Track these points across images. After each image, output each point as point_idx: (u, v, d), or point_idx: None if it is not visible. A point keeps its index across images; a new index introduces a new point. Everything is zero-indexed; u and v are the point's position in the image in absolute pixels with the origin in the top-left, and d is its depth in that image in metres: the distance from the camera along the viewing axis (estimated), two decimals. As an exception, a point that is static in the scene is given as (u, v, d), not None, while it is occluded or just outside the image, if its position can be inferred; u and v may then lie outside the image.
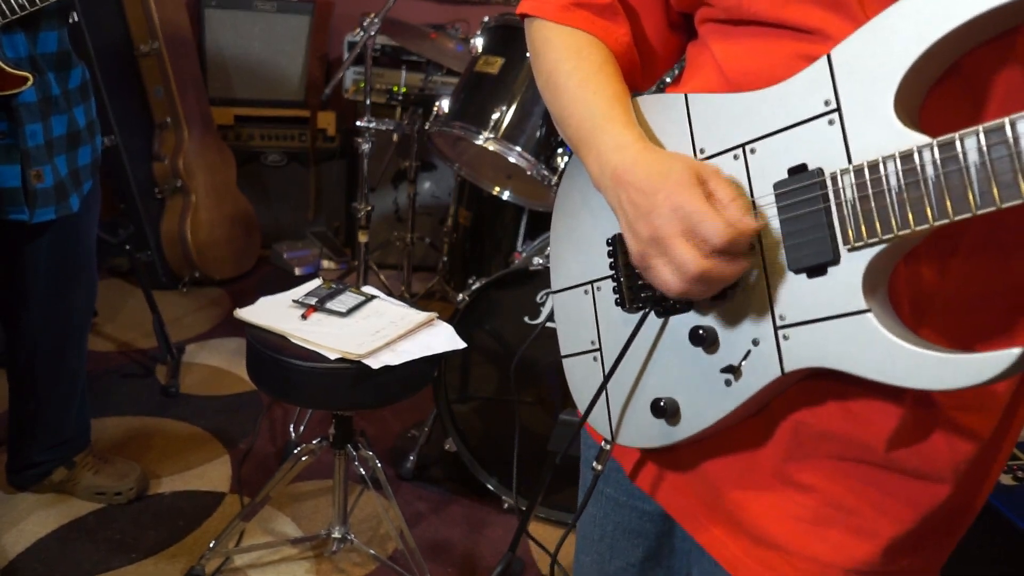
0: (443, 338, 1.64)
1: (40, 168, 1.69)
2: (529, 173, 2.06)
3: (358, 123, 2.47)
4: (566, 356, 0.88)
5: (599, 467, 0.84)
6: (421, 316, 1.68)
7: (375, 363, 1.51)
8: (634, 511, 0.88)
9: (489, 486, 2.12)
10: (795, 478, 0.73)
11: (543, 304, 1.95)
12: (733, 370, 0.70)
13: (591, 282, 0.84)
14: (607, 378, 0.81)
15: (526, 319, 1.98)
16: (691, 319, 0.74)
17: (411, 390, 1.64)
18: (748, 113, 0.69)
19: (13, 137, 1.65)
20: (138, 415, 2.44)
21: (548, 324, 1.96)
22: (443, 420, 2.11)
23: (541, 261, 1.92)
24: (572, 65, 0.81)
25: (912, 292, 0.66)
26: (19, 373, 1.95)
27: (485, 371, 2.12)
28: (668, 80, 0.89)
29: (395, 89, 3.35)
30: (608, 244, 0.80)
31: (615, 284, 0.80)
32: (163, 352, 2.63)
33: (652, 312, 0.76)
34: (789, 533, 0.73)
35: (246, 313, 1.64)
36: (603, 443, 0.83)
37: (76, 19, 2.96)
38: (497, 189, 2.43)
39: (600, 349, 0.84)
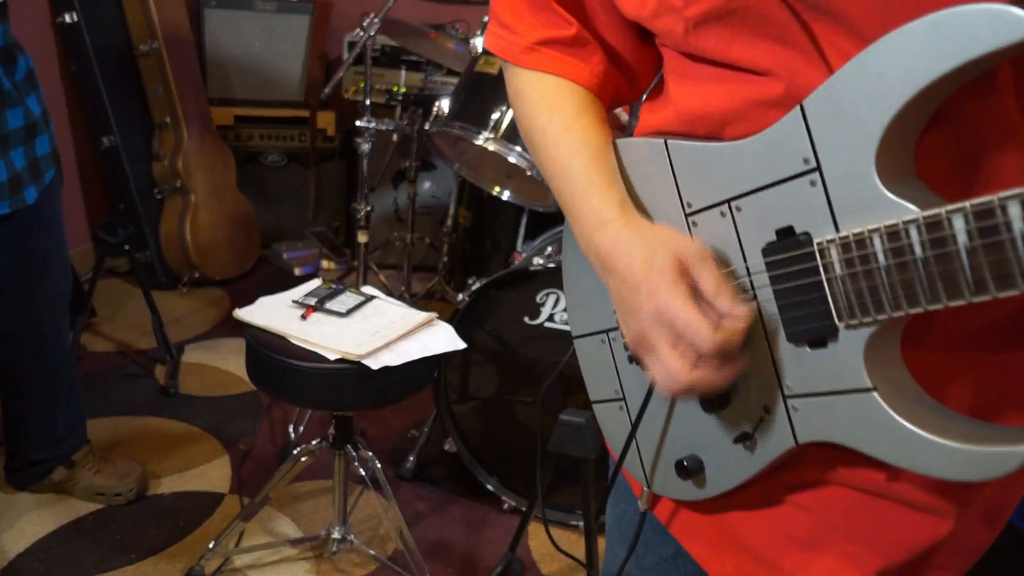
0: (443, 338, 1.64)
1: None
2: (529, 173, 2.06)
3: (358, 123, 2.46)
4: (595, 402, 0.86)
5: (643, 507, 0.82)
6: (421, 316, 1.68)
7: (375, 363, 1.51)
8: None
9: (489, 486, 2.12)
10: (795, 499, 0.70)
11: (543, 304, 1.95)
12: (747, 437, 0.67)
13: (606, 331, 0.81)
14: (631, 434, 0.78)
15: (526, 319, 1.98)
16: None
17: (411, 390, 1.63)
18: (729, 166, 0.64)
19: None
20: (137, 415, 2.44)
21: (549, 325, 1.96)
22: (443, 420, 2.11)
23: (541, 261, 1.92)
24: (545, 119, 0.76)
25: (929, 352, 0.61)
26: (2, 372, 1.94)
27: (485, 371, 2.12)
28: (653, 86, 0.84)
29: (395, 89, 3.35)
30: None
31: (624, 340, 0.77)
32: (162, 352, 2.63)
33: None
34: (782, 551, 0.71)
35: (246, 313, 1.64)
36: (643, 488, 0.81)
37: (75, 19, 2.98)
38: (497, 189, 2.43)
39: (624, 399, 0.81)
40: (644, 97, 0.84)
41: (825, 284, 0.58)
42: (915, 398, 0.59)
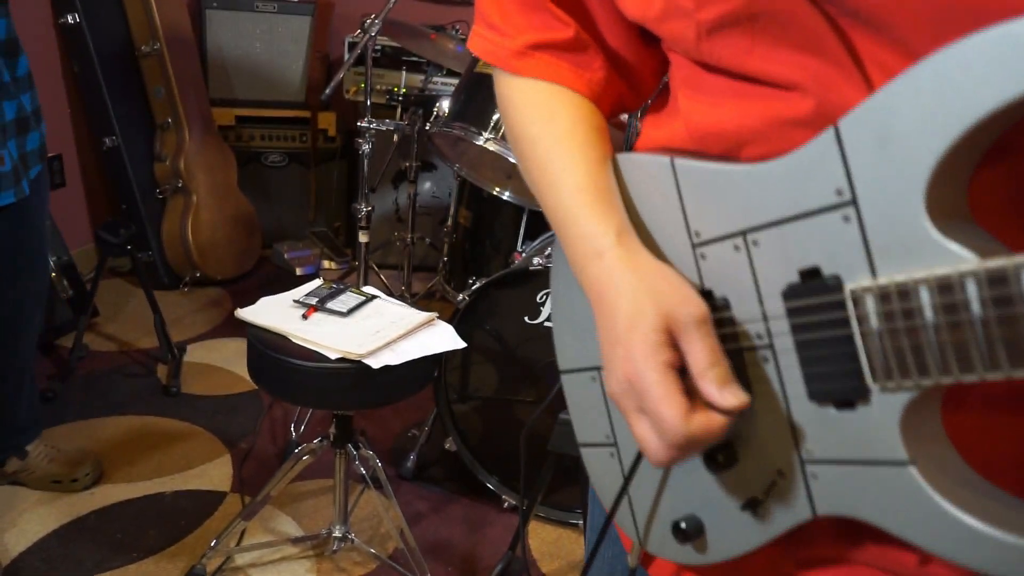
0: (443, 338, 1.65)
1: (0, 153, 1.71)
2: (529, 173, 2.06)
3: (359, 124, 2.47)
4: (583, 445, 0.75)
5: (633, 563, 0.73)
6: (421, 316, 1.68)
7: (375, 363, 1.51)
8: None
9: (489, 486, 2.13)
10: None
11: (543, 304, 1.96)
12: (757, 503, 0.59)
13: (596, 368, 0.71)
14: (623, 488, 0.69)
15: (526, 319, 1.98)
16: None
17: (411, 390, 1.64)
18: (747, 193, 0.55)
19: None
20: (139, 415, 2.45)
21: (549, 325, 1.97)
22: (443, 420, 2.11)
23: (541, 261, 1.92)
24: (537, 131, 0.68)
25: (973, 414, 0.52)
26: None
27: (485, 371, 2.13)
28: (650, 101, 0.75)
29: (395, 90, 3.36)
30: None
31: None
32: (164, 352, 2.64)
33: None
34: None
35: (247, 313, 1.65)
36: (634, 543, 0.73)
37: (77, 20, 2.99)
38: (497, 189, 2.43)
39: (615, 444, 0.71)
40: (648, 102, 0.76)
41: (858, 338, 0.49)
42: (959, 475, 0.50)
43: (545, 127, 0.67)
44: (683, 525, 0.63)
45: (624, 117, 1.87)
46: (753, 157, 0.56)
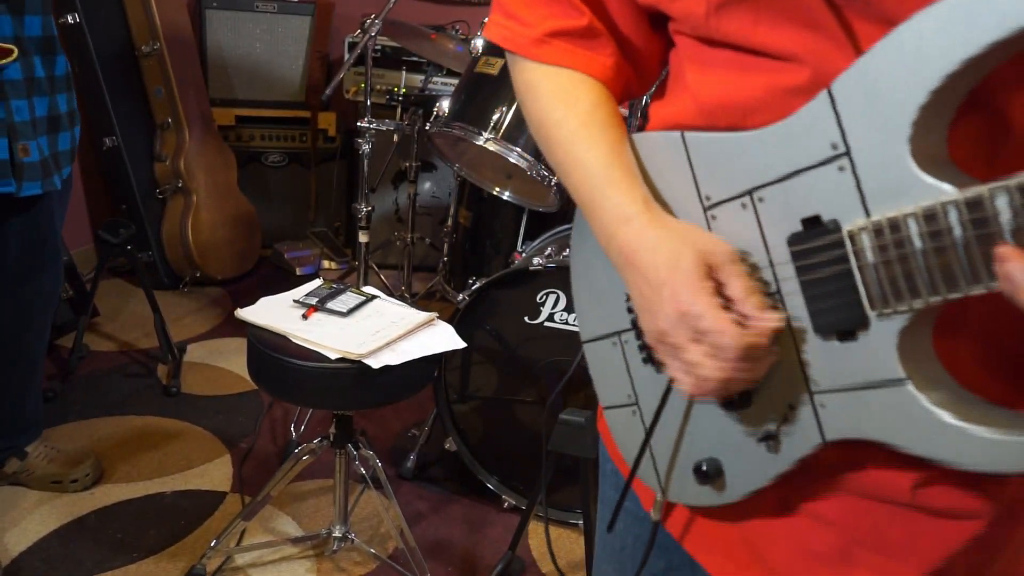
0: (443, 338, 1.65)
1: (27, 143, 1.72)
2: (529, 173, 2.06)
3: (359, 124, 2.47)
4: (607, 408, 0.82)
5: (656, 517, 0.77)
6: (421, 316, 1.68)
7: (375, 363, 1.51)
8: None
9: (489, 486, 2.13)
10: (819, 512, 0.67)
11: (543, 304, 1.96)
12: (771, 437, 0.64)
13: (617, 334, 0.77)
14: (646, 440, 0.75)
15: (526, 319, 1.98)
16: None
17: (411, 390, 1.64)
18: (750, 155, 0.61)
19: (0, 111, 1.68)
20: (139, 415, 2.45)
21: (549, 325, 1.97)
22: (443, 420, 2.12)
23: (541, 261, 1.93)
24: (561, 114, 0.73)
25: (965, 337, 0.58)
26: None
27: (485, 371, 2.13)
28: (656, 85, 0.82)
29: (395, 90, 3.36)
30: (628, 299, 0.74)
31: (639, 342, 0.75)
32: (164, 352, 2.64)
33: None
34: (808, 569, 0.68)
35: (247, 313, 1.65)
36: (656, 496, 0.78)
37: (77, 20, 2.99)
38: (497, 189, 2.43)
39: (637, 403, 0.77)
40: (646, 97, 0.83)
41: (856, 272, 0.55)
42: (949, 389, 0.56)
43: (569, 111, 0.72)
44: (704, 467, 0.69)
45: (624, 114, 1.87)
46: (757, 126, 0.61)
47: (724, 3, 0.61)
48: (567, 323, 1.95)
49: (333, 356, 1.52)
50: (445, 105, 2.19)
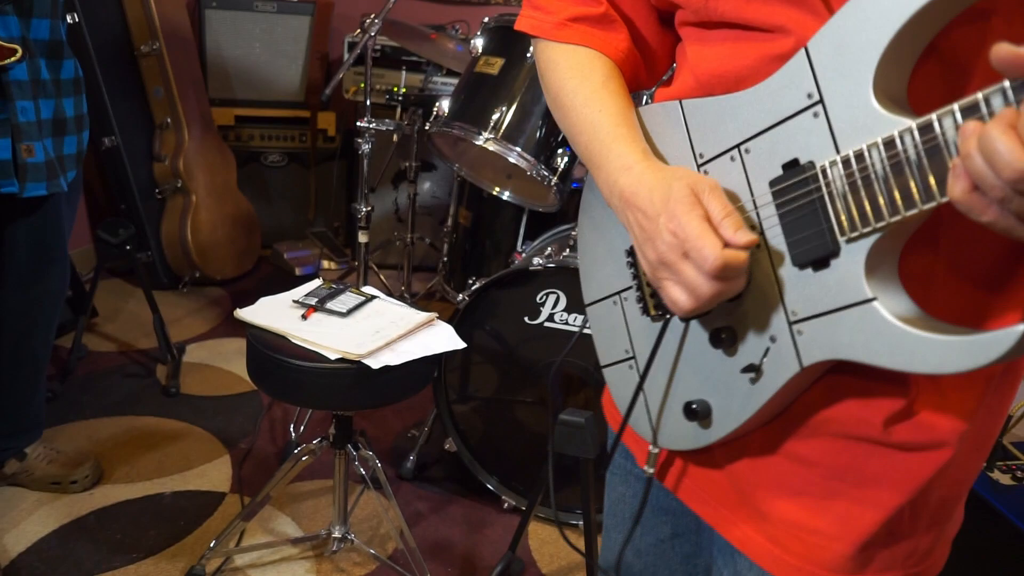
0: (443, 338, 1.65)
1: (31, 143, 1.72)
2: (529, 173, 2.06)
3: (358, 123, 2.46)
4: (605, 366, 0.90)
5: (650, 471, 0.85)
6: (421, 316, 1.68)
7: (375, 363, 1.51)
8: (660, 490, 0.90)
9: (489, 486, 2.13)
10: (799, 454, 0.74)
11: (543, 304, 1.96)
12: (755, 369, 0.71)
13: (619, 293, 0.86)
14: (640, 384, 0.83)
15: (526, 319, 1.98)
16: (710, 322, 0.75)
17: (411, 390, 1.64)
18: (738, 114, 0.69)
19: (4, 112, 1.67)
20: (139, 415, 2.45)
21: (549, 325, 1.97)
22: (443, 420, 2.11)
23: (541, 261, 1.92)
24: (576, 83, 0.83)
25: (916, 269, 0.66)
26: None
27: (485, 371, 2.12)
28: (664, 79, 0.92)
29: (395, 90, 3.35)
30: (628, 255, 0.83)
31: (638, 293, 0.82)
32: (164, 352, 2.63)
33: (675, 317, 0.78)
34: (796, 507, 0.75)
35: (246, 313, 1.64)
36: (650, 448, 0.85)
37: (76, 19, 2.98)
38: (497, 189, 2.43)
39: (634, 356, 0.85)
40: (647, 97, 0.91)
41: (828, 201, 0.62)
42: (910, 307, 0.63)
43: (582, 81, 0.83)
44: (694, 405, 0.77)
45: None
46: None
47: None
48: (567, 323, 1.95)
49: (333, 356, 1.52)
50: (445, 105, 2.19)
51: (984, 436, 0.75)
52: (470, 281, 2.06)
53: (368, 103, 2.49)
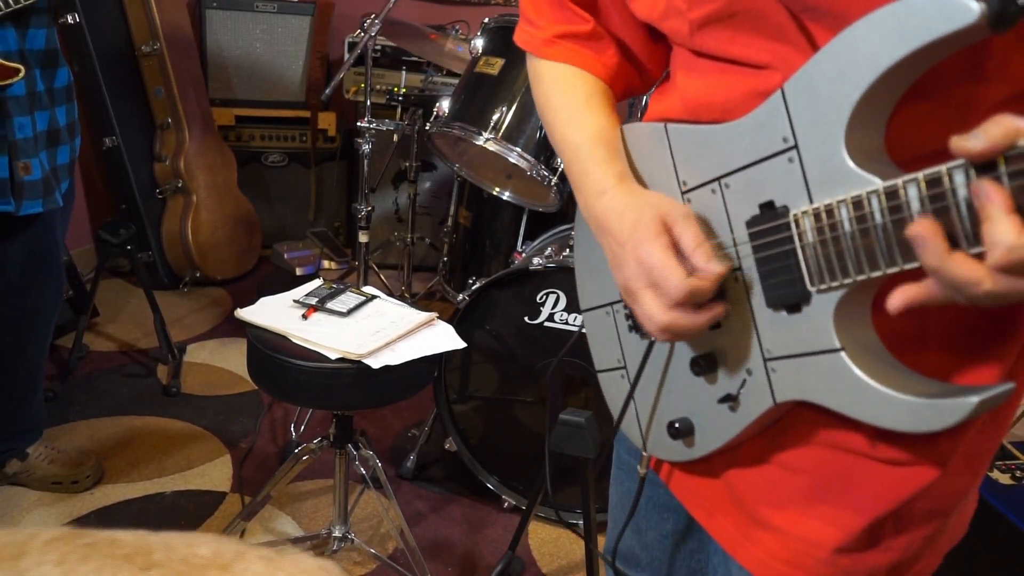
0: (443, 338, 1.65)
1: (28, 161, 1.71)
2: (529, 173, 2.06)
3: (358, 124, 2.47)
4: (599, 371, 0.92)
5: (642, 471, 0.88)
6: (421, 316, 1.68)
7: (375, 363, 1.51)
8: (663, 487, 0.91)
9: (489, 486, 2.13)
10: (789, 462, 0.75)
11: (543, 304, 1.96)
12: (732, 399, 0.73)
13: (610, 304, 0.88)
14: (628, 397, 0.85)
15: (526, 319, 1.98)
16: (693, 347, 0.76)
17: (411, 390, 1.64)
18: (720, 146, 0.69)
19: (1, 129, 1.66)
20: (139, 415, 2.45)
21: (549, 325, 1.97)
22: (443, 420, 2.11)
23: (541, 261, 1.92)
24: (560, 101, 0.84)
25: (891, 320, 0.64)
26: None
27: (485, 371, 2.12)
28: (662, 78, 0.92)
29: (395, 90, 3.36)
30: None
31: (626, 311, 0.84)
32: (164, 352, 2.63)
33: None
34: (783, 514, 0.76)
35: (247, 313, 1.65)
36: (642, 451, 0.88)
37: (77, 20, 2.99)
38: (497, 189, 2.43)
39: (625, 367, 0.87)
40: (646, 97, 0.90)
41: (799, 251, 0.63)
42: (880, 358, 0.64)
43: (566, 98, 0.84)
44: (677, 424, 0.79)
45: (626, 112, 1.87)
46: None
47: (704, 23, 0.70)
48: (567, 323, 1.95)
49: (333, 356, 1.52)
50: (445, 105, 2.19)
51: (978, 452, 0.74)
52: (470, 281, 2.06)
53: (368, 103, 2.50)
